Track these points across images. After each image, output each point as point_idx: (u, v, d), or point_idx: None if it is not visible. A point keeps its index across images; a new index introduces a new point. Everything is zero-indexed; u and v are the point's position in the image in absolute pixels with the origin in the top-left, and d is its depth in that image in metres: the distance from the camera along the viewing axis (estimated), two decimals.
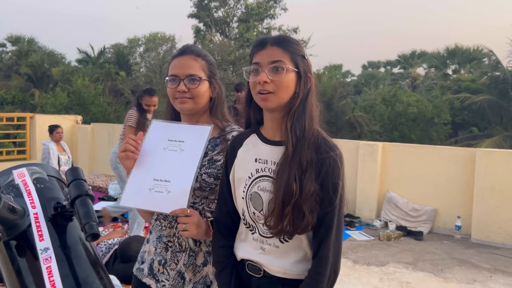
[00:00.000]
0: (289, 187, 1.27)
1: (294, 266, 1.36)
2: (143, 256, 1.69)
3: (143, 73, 23.75)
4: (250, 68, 1.37)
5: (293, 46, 1.36)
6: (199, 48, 1.71)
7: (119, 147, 1.52)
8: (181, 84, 1.57)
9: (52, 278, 0.85)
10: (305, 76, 1.36)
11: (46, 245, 0.90)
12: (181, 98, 1.58)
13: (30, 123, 10.47)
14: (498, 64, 20.28)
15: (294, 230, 1.30)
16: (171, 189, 1.46)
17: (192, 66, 1.60)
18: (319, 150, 1.32)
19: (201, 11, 23.77)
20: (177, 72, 1.59)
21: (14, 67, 27.40)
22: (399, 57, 34.05)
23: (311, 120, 1.35)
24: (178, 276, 1.59)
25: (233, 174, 1.45)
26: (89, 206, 0.91)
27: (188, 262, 1.59)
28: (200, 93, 1.59)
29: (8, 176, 1.02)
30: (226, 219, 1.47)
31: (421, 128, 19.59)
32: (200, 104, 1.62)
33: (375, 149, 6.72)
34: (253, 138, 1.45)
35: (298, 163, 1.29)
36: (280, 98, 1.33)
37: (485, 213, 5.80)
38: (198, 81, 1.58)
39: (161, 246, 1.62)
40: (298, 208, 1.27)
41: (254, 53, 1.37)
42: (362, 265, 4.90)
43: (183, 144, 1.53)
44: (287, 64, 1.32)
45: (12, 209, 0.89)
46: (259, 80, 1.31)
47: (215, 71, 1.68)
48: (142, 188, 1.48)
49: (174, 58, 1.64)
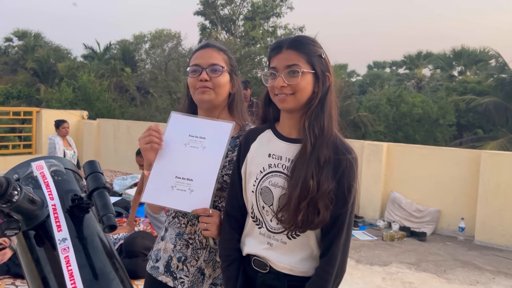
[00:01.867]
0: (306, 183, 1.29)
1: (300, 263, 1.37)
2: (157, 254, 1.67)
3: (148, 69, 23.82)
4: (268, 73, 1.39)
5: (308, 47, 1.37)
6: (220, 44, 1.73)
7: (139, 139, 1.50)
8: (203, 73, 1.57)
9: (70, 268, 0.88)
10: (323, 76, 1.38)
11: (64, 235, 0.92)
12: (202, 88, 1.57)
13: (37, 117, 10.53)
14: (505, 66, 20.17)
15: (307, 226, 1.32)
16: (193, 188, 1.47)
17: (215, 56, 1.61)
18: (336, 151, 1.34)
19: (207, 9, 23.80)
20: (199, 62, 1.59)
21: (20, 61, 27.50)
22: (404, 57, 33.90)
23: (330, 119, 1.37)
24: (198, 272, 1.59)
25: (245, 167, 1.46)
26: (107, 198, 0.94)
27: (208, 258, 1.60)
28: (221, 83, 1.59)
29: (27, 168, 1.04)
30: (237, 212, 1.48)
31: (425, 129, 19.54)
32: (220, 96, 1.61)
33: (380, 149, 6.72)
34: (268, 133, 1.47)
35: (316, 160, 1.31)
36: (298, 100, 1.36)
37: (489, 215, 5.80)
38: (220, 70, 1.59)
39: (181, 243, 1.61)
40: (313, 204, 1.29)
41: (271, 57, 1.40)
42: (365, 264, 4.92)
43: (204, 141, 1.52)
44: (302, 67, 1.34)
45: (32, 200, 0.91)
46: (276, 85, 1.35)
47: (235, 67, 1.69)
48: (164, 185, 1.48)
49: (197, 51, 1.65)
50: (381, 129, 19.62)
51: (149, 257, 1.72)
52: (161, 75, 20.64)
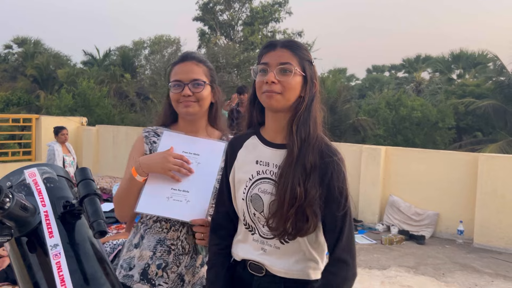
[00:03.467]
0: (293, 190, 1.29)
1: (294, 266, 1.38)
2: (130, 262, 1.63)
3: (148, 75, 23.83)
4: (258, 68, 1.38)
5: (301, 51, 1.38)
6: (199, 54, 1.75)
7: (167, 160, 1.54)
8: (185, 89, 1.60)
9: (62, 273, 0.89)
10: (311, 81, 1.39)
11: (55, 241, 0.94)
12: (186, 102, 1.61)
13: (36, 124, 10.55)
14: (503, 69, 20.21)
15: (296, 232, 1.32)
16: (190, 199, 1.51)
17: (195, 71, 1.64)
18: (322, 155, 1.34)
19: (206, 14, 23.86)
20: (181, 77, 1.63)
21: (20, 68, 27.58)
22: (403, 61, 33.99)
23: (315, 125, 1.37)
24: (178, 279, 1.60)
25: (233, 175, 1.47)
26: (97, 205, 0.95)
27: (189, 264, 1.62)
28: (204, 97, 1.63)
29: (20, 176, 1.06)
30: (223, 220, 1.50)
31: (425, 132, 19.55)
32: (203, 108, 1.66)
33: (378, 153, 6.74)
34: (253, 139, 1.47)
35: (303, 167, 1.31)
36: (286, 100, 1.35)
37: (487, 218, 5.80)
38: (202, 85, 1.63)
39: (162, 249, 1.60)
40: (302, 212, 1.29)
41: (263, 54, 1.40)
42: (364, 268, 4.92)
43: (198, 157, 1.58)
44: (295, 67, 1.34)
45: (24, 207, 0.93)
46: (267, 79, 1.33)
47: (215, 77, 1.73)
48: (160, 196, 1.52)
49: (176, 64, 1.68)
50: (381, 132, 19.62)
51: (116, 266, 1.66)
52: (161, 81, 20.67)
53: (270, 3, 23.54)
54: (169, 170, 1.52)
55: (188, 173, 1.54)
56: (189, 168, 1.55)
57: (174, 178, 1.53)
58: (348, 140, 17.17)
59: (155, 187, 1.53)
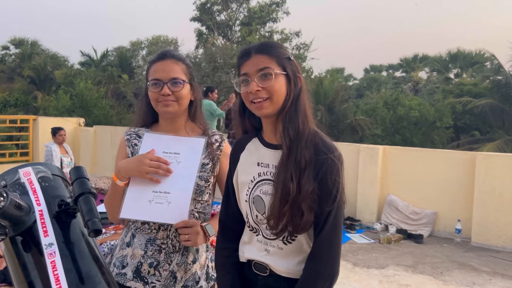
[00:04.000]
0: (286, 186, 1.29)
1: (297, 266, 1.39)
2: (123, 260, 1.66)
3: (145, 76, 23.82)
4: (240, 80, 1.38)
5: (277, 50, 1.37)
6: (178, 52, 1.74)
7: (143, 163, 1.54)
8: (164, 88, 1.59)
9: (56, 272, 0.89)
10: (294, 77, 1.37)
11: (50, 240, 0.93)
12: (165, 101, 1.60)
13: (33, 125, 10.53)
14: (500, 68, 20.29)
15: (293, 229, 1.32)
16: (171, 200, 1.51)
17: (174, 69, 1.62)
18: (317, 151, 1.33)
19: (203, 15, 23.86)
20: (160, 76, 1.61)
21: (17, 69, 27.56)
22: (401, 60, 34.07)
23: (305, 119, 1.36)
24: (170, 276, 1.62)
25: (236, 178, 1.48)
26: (92, 203, 0.95)
27: (180, 261, 1.63)
28: (183, 95, 1.62)
29: (14, 175, 1.05)
30: (232, 221, 1.51)
31: (423, 131, 19.60)
32: (183, 106, 1.65)
33: (376, 152, 6.74)
34: (255, 142, 1.48)
35: (295, 162, 1.31)
36: (274, 104, 1.34)
37: (485, 216, 5.81)
38: (181, 84, 1.61)
39: (153, 248, 1.62)
40: (297, 207, 1.29)
41: (240, 64, 1.38)
42: (362, 267, 4.93)
43: (179, 156, 1.58)
44: (274, 69, 1.33)
45: (18, 206, 0.92)
46: (250, 90, 1.33)
47: (194, 74, 1.72)
48: (141, 200, 1.52)
49: (154, 62, 1.65)
50: (379, 132, 19.67)
51: (110, 265, 1.68)
52: None
53: (267, 3, 23.55)
54: (146, 172, 1.52)
55: (167, 173, 1.54)
56: (167, 169, 1.54)
57: (152, 180, 1.53)
58: (346, 140, 17.19)
59: (137, 191, 1.53)
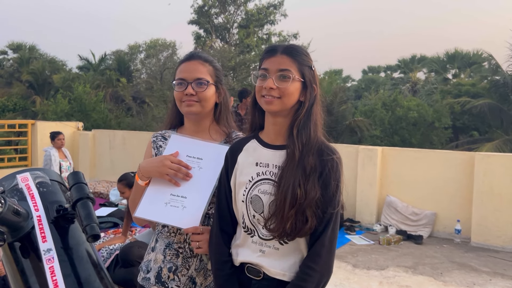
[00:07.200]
0: (294, 192, 1.31)
1: (293, 267, 1.39)
2: (148, 265, 1.68)
3: (144, 79, 23.82)
4: (258, 73, 1.42)
5: (301, 56, 1.41)
6: (207, 54, 1.74)
7: (164, 164, 1.55)
8: (188, 87, 1.60)
9: (55, 278, 0.89)
10: (310, 86, 1.42)
11: (49, 246, 0.93)
12: (188, 101, 1.61)
13: (32, 130, 10.51)
14: (498, 68, 20.29)
15: (296, 233, 1.34)
16: (186, 205, 1.51)
17: (200, 70, 1.63)
18: (321, 154, 1.38)
19: (201, 18, 23.87)
20: (185, 76, 1.62)
21: (16, 74, 27.51)
22: (399, 61, 34.09)
23: (315, 128, 1.41)
24: (189, 281, 1.61)
25: (234, 179, 1.48)
26: (90, 209, 0.95)
27: (199, 267, 1.62)
28: (207, 97, 1.62)
29: (12, 181, 1.06)
30: (228, 226, 1.50)
31: (421, 132, 19.59)
32: (206, 108, 1.65)
33: (375, 154, 6.75)
34: (253, 143, 1.49)
35: (303, 169, 1.34)
36: (283, 104, 1.38)
37: (484, 216, 5.82)
38: (205, 84, 1.62)
39: (171, 253, 1.62)
40: (301, 212, 1.32)
41: (263, 59, 1.43)
42: (362, 269, 4.92)
43: (201, 162, 1.58)
44: (294, 73, 1.38)
45: (17, 212, 0.93)
46: (266, 85, 1.37)
47: (221, 77, 1.72)
48: (158, 201, 1.53)
49: (182, 62, 1.67)
50: (377, 133, 19.66)
51: (140, 268, 1.72)
52: (157, 85, 20.67)
53: (265, 6, 23.58)
54: (165, 174, 1.52)
55: (186, 177, 1.54)
56: (186, 173, 1.54)
57: (171, 182, 1.54)
58: (344, 141, 17.19)
59: (155, 192, 1.55)
